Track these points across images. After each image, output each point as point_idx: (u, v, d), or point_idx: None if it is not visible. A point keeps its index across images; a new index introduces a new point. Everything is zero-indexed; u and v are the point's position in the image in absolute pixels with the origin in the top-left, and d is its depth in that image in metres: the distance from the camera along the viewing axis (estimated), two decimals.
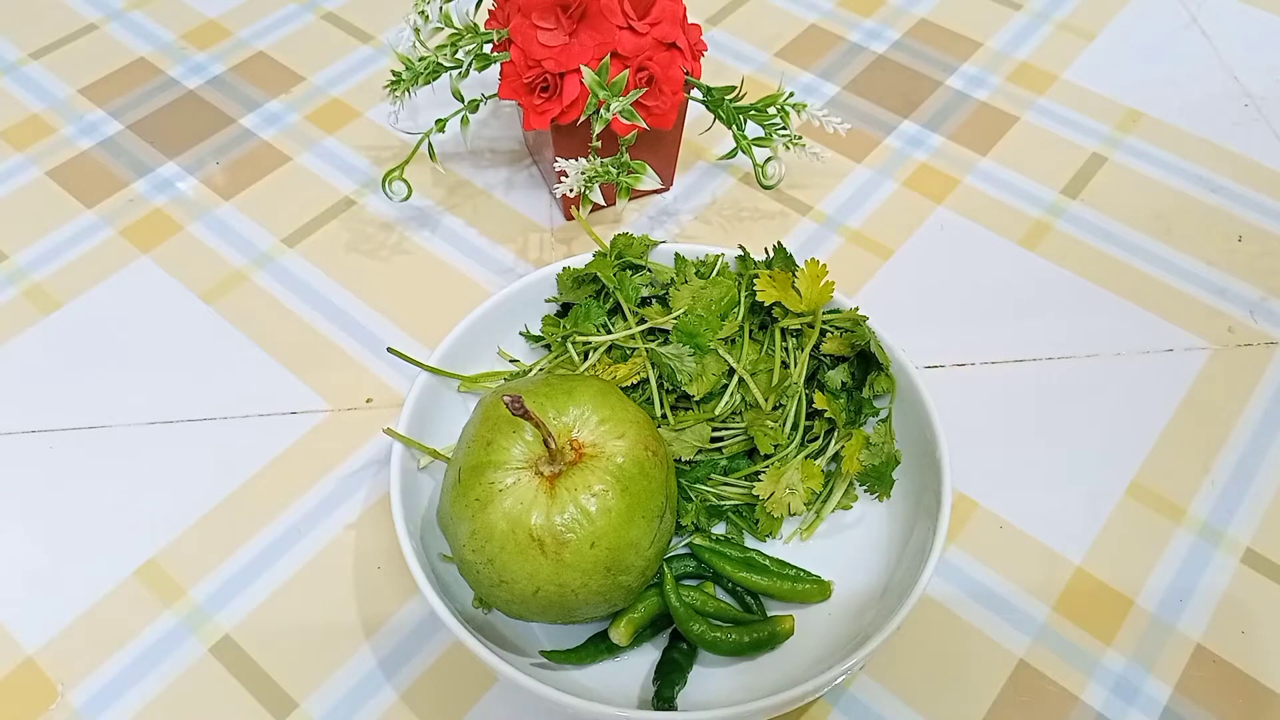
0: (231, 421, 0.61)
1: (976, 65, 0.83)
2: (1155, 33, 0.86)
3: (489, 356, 0.59)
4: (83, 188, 0.73)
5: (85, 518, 0.57)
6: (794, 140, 0.66)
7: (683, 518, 0.53)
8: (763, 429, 0.53)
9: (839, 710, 0.51)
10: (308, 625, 0.54)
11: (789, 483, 0.53)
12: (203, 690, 0.52)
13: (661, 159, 0.70)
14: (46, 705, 0.51)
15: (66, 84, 0.80)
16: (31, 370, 0.64)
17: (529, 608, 0.47)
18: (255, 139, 0.77)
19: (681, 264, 0.59)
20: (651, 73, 0.62)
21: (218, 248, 0.70)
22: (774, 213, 0.72)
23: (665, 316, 0.56)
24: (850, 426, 0.55)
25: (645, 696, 0.50)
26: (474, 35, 0.63)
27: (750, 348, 0.56)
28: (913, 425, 0.55)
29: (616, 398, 0.49)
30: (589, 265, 0.58)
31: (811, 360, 0.56)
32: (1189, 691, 0.52)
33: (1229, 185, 0.74)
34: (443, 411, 0.56)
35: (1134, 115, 0.79)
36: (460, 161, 0.75)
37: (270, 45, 0.84)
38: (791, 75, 0.82)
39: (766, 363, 0.56)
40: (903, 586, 0.49)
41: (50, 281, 0.68)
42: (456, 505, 0.47)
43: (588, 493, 0.45)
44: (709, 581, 0.53)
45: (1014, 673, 0.52)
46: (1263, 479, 0.59)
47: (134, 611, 0.54)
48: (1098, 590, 0.55)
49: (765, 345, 0.56)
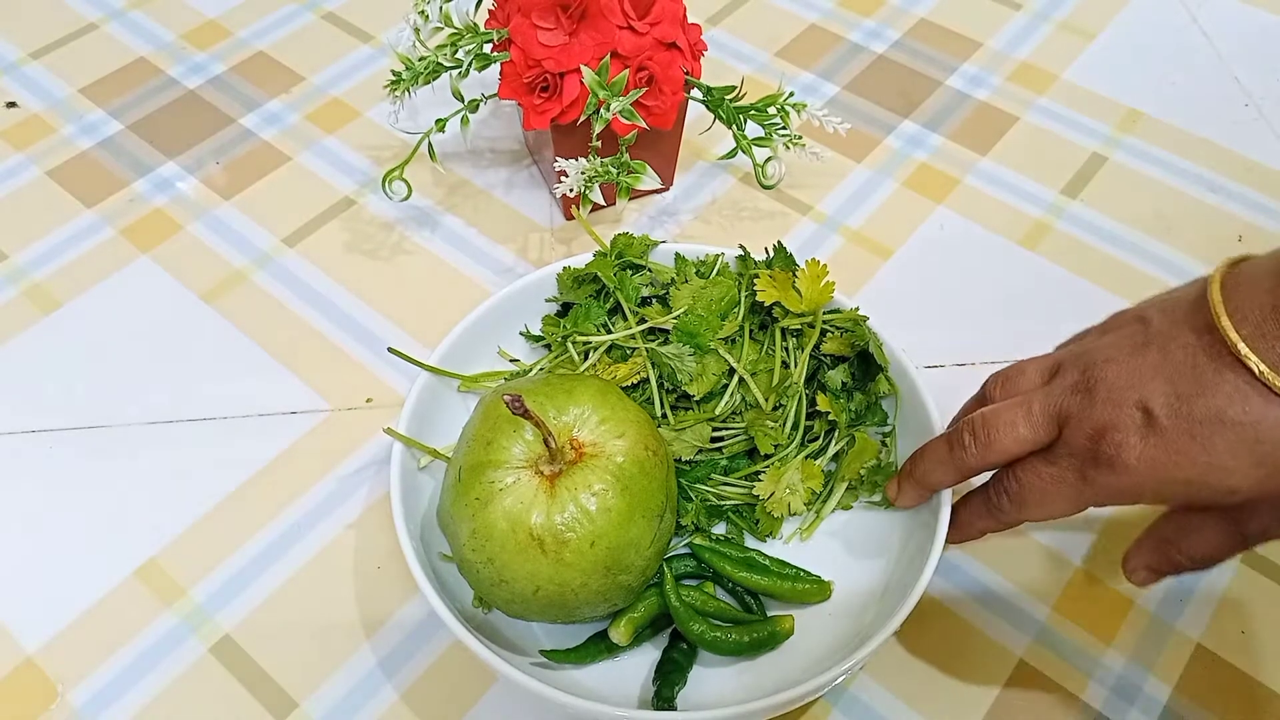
0: (231, 421, 0.61)
1: (976, 65, 0.83)
2: (1155, 33, 0.86)
3: (489, 356, 0.59)
4: (83, 188, 0.73)
5: (85, 518, 0.57)
6: (794, 140, 0.66)
7: (683, 518, 0.53)
8: (763, 429, 0.53)
9: (839, 710, 0.51)
10: (308, 625, 0.54)
11: (789, 483, 0.53)
12: (203, 690, 0.52)
13: (661, 159, 0.70)
14: (46, 705, 0.51)
15: (66, 84, 0.80)
16: (31, 370, 0.64)
17: (529, 607, 0.47)
18: (255, 139, 0.77)
19: (682, 264, 0.59)
20: (651, 73, 0.62)
21: (218, 248, 0.70)
22: (774, 213, 0.72)
23: (665, 316, 0.56)
24: (852, 428, 0.55)
25: (645, 696, 0.50)
26: (474, 35, 0.63)
27: (750, 347, 0.56)
28: (913, 426, 0.55)
29: (617, 397, 0.49)
30: (589, 265, 0.58)
31: (812, 360, 0.56)
32: (1189, 691, 0.52)
33: (1229, 185, 0.74)
34: (443, 411, 0.56)
35: (1134, 115, 0.79)
36: (460, 161, 0.75)
37: (270, 45, 0.84)
38: (791, 75, 0.82)
39: (767, 363, 0.56)
40: (903, 586, 0.49)
41: (50, 281, 0.68)
42: (456, 504, 0.47)
43: (588, 492, 0.45)
44: (709, 581, 0.53)
45: (1014, 673, 0.52)
46: None
47: (134, 611, 0.54)
48: (1098, 590, 0.55)
49: (765, 345, 0.56)
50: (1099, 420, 0.42)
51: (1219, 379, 0.40)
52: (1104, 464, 0.42)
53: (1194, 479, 0.41)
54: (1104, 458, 0.42)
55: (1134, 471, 0.41)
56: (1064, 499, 0.44)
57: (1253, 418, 0.39)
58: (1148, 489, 0.42)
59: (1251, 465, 0.40)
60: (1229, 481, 0.40)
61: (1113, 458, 0.42)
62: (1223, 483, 0.40)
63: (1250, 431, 0.39)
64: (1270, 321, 0.39)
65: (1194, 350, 0.41)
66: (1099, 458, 0.42)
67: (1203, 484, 0.41)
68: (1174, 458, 0.41)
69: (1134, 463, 0.41)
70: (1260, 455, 0.39)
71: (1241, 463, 0.40)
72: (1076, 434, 0.43)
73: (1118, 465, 0.42)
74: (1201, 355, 0.41)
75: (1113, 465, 0.42)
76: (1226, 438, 0.39)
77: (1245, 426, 0.39)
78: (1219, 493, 0.41)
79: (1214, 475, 0.40)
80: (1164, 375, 0.41)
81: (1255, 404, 0.39)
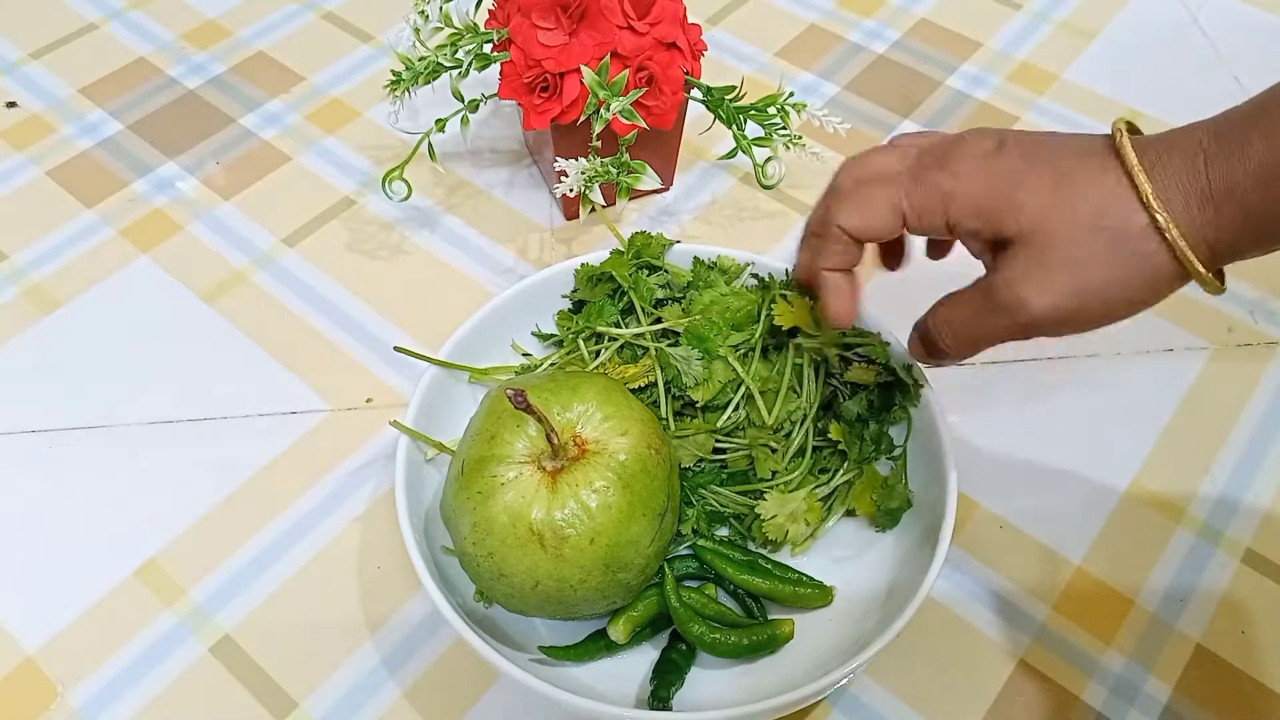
0: (231, 421, 0.61)
1: (977, 65, 0.83)
2: (1155, 33, 0.86)
3: (500, 352, 0.59)
4: (83, 188, 0.73)
5: (85, 518, 0.57)
6: (794, 140, 0.66)
7: (683, 524, 0.53)
8: (764, 452, 0.53)
9: (839, 710, 0.51)
10: (308, 625, 0.54)
11: (793, 510, 0.52)
12: (203, 690, 0.52)
13: (661, 159, 0.70)
14: (46, 705, 0.51)
15: (66, 84, 0.80)
16: (31, 370, 0.64)
17: (528, 602, 0.47)
18: (255, 139, 0.77)
19: (700, 267, 0.59)
20: (651, 73, 0.62)
21: (218, 248, 0.70)
22: (774, 213, 0.72)
23: (678, 318, 0.56)
24: (863, 462, 0.54)
25: (644, 695, 0.50)
26: (474, 35, 0.63)
27: (762, 365, 0.54)
28: (918, 433, 0.54)
29: (621, 395, 0.49)
30: (605, 263, 0.58)
31: (828, 387, 0.54)
32: (1189, 691, 0.52)
33: None
34: (450, 406, 0.56)
35: (1134, 115, 0.79)
36: (460, 161, 0.75)
37: (270, 45, 0.84)
38: (791, 75, 0.82)
39: (777, 383, 0.54)
40: (904, 594, 0.49)
41: (50, 281, 0.68)
42: (459, 498, 0.47)
43: (589, 489, 0.45)
44: (710, 583, 0.53)
45: (1014, 673, 0.52)
46: (1263, 479, 0.59)
47: (134, 611, 0.54)
48: (1098, 590, 0.55)
49: (778, 366, 0.55)
50: (956, 139, 0.43)
51: (1081, 144, 0.41)
52: (936, 164, 0.42)
53: (999, 188, 0.41)
54: (940, 159, 0.42)
55: (956, 175, 0.41)
56: (886, 200, 0.43)
57: (1076, 168, 0.40)
58: (961, 190, 0.41)
59: (1047, 192, 0.40)
60: (1020, 194, 0.40)
61: (947, 158, 0.42)
62: (1015, 195, 0.40)
63: (1066, 175, 0.40)
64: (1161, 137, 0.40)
65: (1078, 142, 0.42)
66: (935, 160, 0.42)
67: (1005, 192, 0.40)
68: (997, 170, 0.41)
69: (961, 167, 0.41)
70: (1058, 189, 0.40)
71: (1041, 188, 0.40)
72: (931, 152, 0.43)
73: (948, 166, 0.42)
74: (1088, 136, 0.41)
75: (944, 164, 0.42)
76: (1046, 168, 0.40)
77: (1066, 171, 0.40)
78: (1006, 205, 0.40)
79: (1019, 190, 0.40)
80: (1041, 138, 0.42)
81: (1091, 160, 0.40)
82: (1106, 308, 0.41)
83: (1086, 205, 0.39)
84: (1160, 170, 0.39)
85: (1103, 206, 0.39)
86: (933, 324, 0.46)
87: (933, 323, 0.46)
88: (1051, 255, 0.40)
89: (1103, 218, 0.39)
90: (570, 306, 0.60)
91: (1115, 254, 0.39)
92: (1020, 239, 0.40)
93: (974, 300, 0.43)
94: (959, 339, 0.45)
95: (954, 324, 0.45)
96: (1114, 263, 0.39)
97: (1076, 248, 0.39)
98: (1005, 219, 0.40)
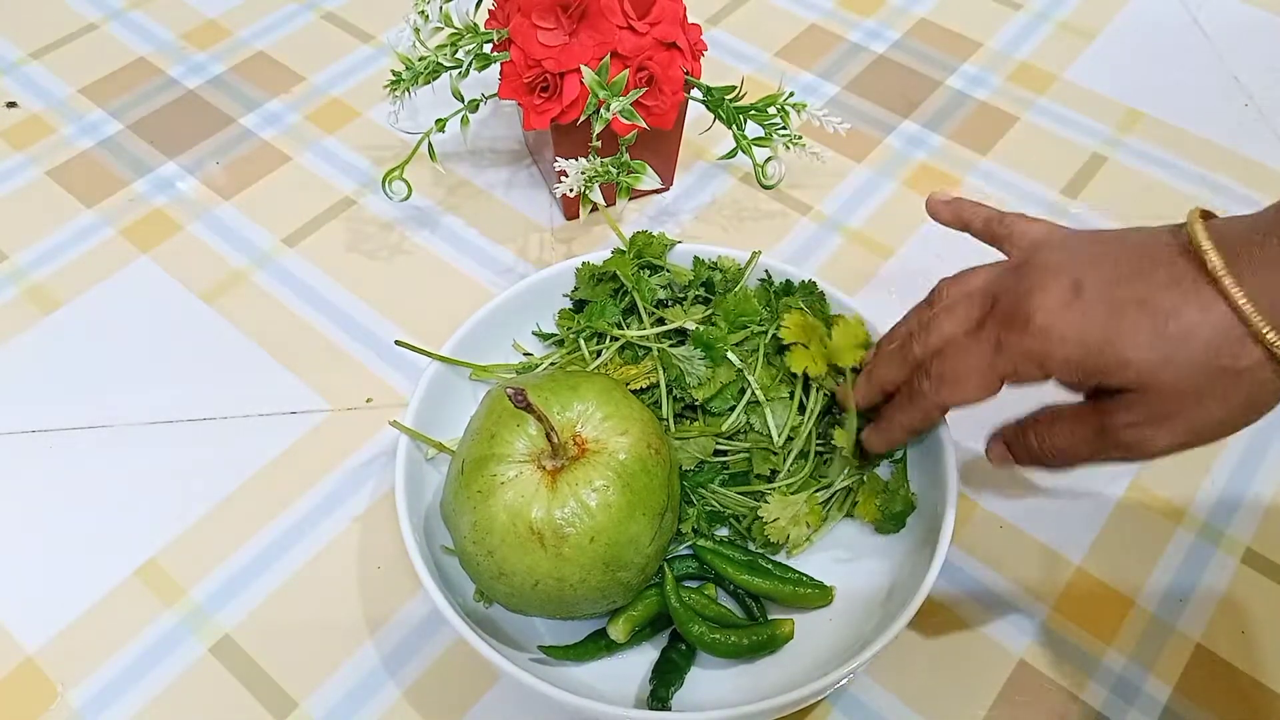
0: (231, 421, 0.61)
1: (977, 65, 0.83)
2: (1155, 33, 0.86)
3: (497, 353, 0.59)
4: (83, 188, 0.73)
5: (85, 518, 0.57)
6: (794, 140, 0.66)
7: (683, 524, 0.53)
8: (764, 454, 0.53)
9: (839, 710, 0.51)
10: (308, 625, 0.54)
11: (795, 513, 0.52)
12: (203, 690, 0.52)
13: (661, 159, 0.70)
14: (46, 705, 0.51)
15: (66, 84, 0.80)
16: (31, 370, 0.64)
17: (528, 601, 0.47)
18: (255, 139, 0.77)
19: (704, 267, 0.59)
20: (651, 73, 0.62)
21: (218, 248, 0.70)
22: (774, 213, 0.72)
23: (682, 319, 0.56)
24: (863, 469, 0.54)
25: (643, 695, 0.50)
26: (474, 35, 0.63)
27: (765, 372, 0.54)
28: (926, 454, 0.54)
29: (621, 395, 0.49)
30: (607, 263, 0.58)
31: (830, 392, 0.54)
32: (1189, 691, 0.52)
33: (1229, 185, 0.74)
34: (450, 405, 0.56)
35: (1134, 115, 0.79)
36: (460, 161, 0.75)
37: (270, 45, 0.84)
38: (791, 75, 0.82)
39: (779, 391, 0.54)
40: (904, 594, 0.49)
41: (50, 281, 0.68)
42: (459, 497, 0.47)
43: (589, 488, 0.45)
44: (710, 583, 0.53)
45: (1014, 673, 0.52)
46: (1262, 479, 0.59)
47: (134, 611, 0.54)
48: (1098, 590, 0.55)
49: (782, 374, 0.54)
50: (1027, 287, 0.42)
51: (1161, 265, 0.40)
52: (1018, 326, 0.42)
53: (1094, 342, 0.40)
54: (1019, 319, 0.42)
55: (1043, 333, 0.41)
56: (978, 372, 0.44)
57: (1173, 304, 0.39)
58: (1054, 352, 0.41)
59: (1151, 341, 0.39)
60: (1126, 352, 0.40)
61: (1028, 318, 0.42)
62: (1120, 353, 0.40)
63: (1164, 316, 0.39)
64: (1247, 240, 0.39)
65: (1154, 239, 0.41)
66: (1015, 320, 0.42)
67: (1102, 348, 0.40)
68: (1085, 322, 0.41)
69: (1045, 323, 0.41)
70: (1163, 335, 0.39)
71: (1143, 337, 0.40)
72: (1003, 303, 0.43)
73: (1031, 327, 0.42)
74: (1159, 242, 0.41)
75: (1026, 326, 0.42)
76: (1140, 313, 0.40)
77: (1162, 310, 0.39)
78: (1113, 363, 0.40)
79: (1117, 341, 0.40)
80: (1111, 259, 0.42)
81: (1185, 290, 0.39)
82: (1222, 431, 0.41)
83: (1198, 347, 0.39)
84: (1262, 294, 0.38)
85: (1215, 345, 0.39)
86: (1040, 448, 0.46)
87: (1040, 447, 0.46)
88: (1168, 403, 0.40)
89: (1216, 358, 0.39)
90: (571, 306, 0.60)
91: (1233, 389, 0.39)
92: (1131, 389, 0.41)
93: (1086, 433, 0.44)
94: (1068, 462, 0.46)
95: (1067, 452, 0.45)
96: (1231, 396, 0.40)
97: (1193, 392, 0.40)
98: (1111, 376, 0.41)
